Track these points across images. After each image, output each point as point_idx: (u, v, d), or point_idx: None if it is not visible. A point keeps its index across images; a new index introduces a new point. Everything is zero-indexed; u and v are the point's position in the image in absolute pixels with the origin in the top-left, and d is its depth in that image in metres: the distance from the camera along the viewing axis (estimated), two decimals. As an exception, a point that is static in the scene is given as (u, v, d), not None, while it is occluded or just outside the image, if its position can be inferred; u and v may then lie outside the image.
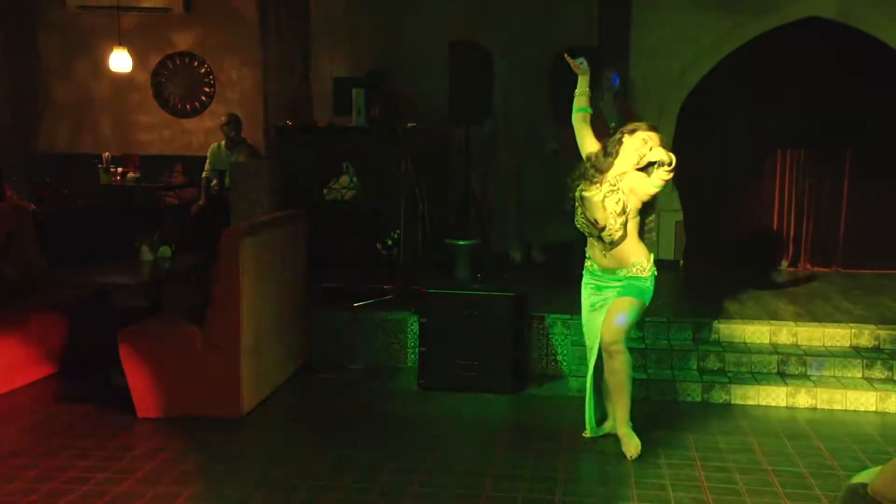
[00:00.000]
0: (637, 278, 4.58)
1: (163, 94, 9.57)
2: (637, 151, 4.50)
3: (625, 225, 4.54)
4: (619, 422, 4.70)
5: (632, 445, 4.61)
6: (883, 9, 7.90)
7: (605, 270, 4.66)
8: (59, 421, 5.12)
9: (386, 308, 6.52)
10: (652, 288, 4.62)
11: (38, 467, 4.40)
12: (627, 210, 4.51)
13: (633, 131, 4.55)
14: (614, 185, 4.52)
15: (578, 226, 4.70)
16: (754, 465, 4.57)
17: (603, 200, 4.52)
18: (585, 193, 4.59)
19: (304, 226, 6.31)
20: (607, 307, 4.63)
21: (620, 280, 4.61)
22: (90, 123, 9.69)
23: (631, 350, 4.74)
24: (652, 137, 4.51)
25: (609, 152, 4.57)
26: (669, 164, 4.30)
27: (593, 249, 4.70)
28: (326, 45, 8.85)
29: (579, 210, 4.64)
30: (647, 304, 4.66)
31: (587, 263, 4.79)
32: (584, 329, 4.84)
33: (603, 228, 4.55)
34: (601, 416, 4.90)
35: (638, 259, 4.58)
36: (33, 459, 4.51)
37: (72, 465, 4.44)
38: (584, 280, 4.80)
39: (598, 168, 4.58)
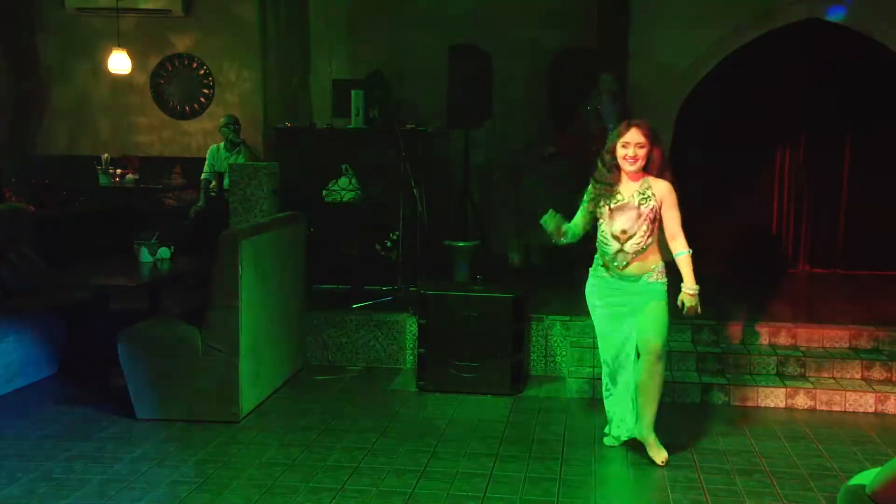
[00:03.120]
0: (658, 283, 4.52)
1: (162, 96, 9.58)
2: (623, 160, 4.46)
3: (654, 231, 4.48)
4: (649, 428, 4.59)
5: (662, 452, 4.56)
6: (881, 11, 7.90)
7: (623, 277, 4.54)
8: (58, 422, 5.11)
9: (385, 309, 6.52)
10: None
11: (37, 469, 4.40)
12: (658, 217, 4.46)
13: (613, 147, 4.49)
14: (644, 193, 4.46)
15: (601, 240, 4.55)
16: (753, 466, 4.57)
17: (639, 206, 4.44)
18: (615, 204, 4.47)
19: (303, 227, 6.31)
20: (637, 314, 4.51)
21: (641, 286, 4.52)
22: (89, 125, 9.69)
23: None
24: (630, 138, 4.43)
25: (609, 168, 4.51)
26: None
27: (609, 260, 4.54)
28: (325, 46, 8.85)
29: (601, 224, 4.53)
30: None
31: (599, 273, 4.63)
32: (605, 341, 4.68)
33: (630, 238, 4.45)
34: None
35: (657, 264, 4.53)
36: (32, 461, 4.50)
37: (70, 466, 4.44)
38: (595, 291, 4.65)
39: (608, 184, 4.50)
